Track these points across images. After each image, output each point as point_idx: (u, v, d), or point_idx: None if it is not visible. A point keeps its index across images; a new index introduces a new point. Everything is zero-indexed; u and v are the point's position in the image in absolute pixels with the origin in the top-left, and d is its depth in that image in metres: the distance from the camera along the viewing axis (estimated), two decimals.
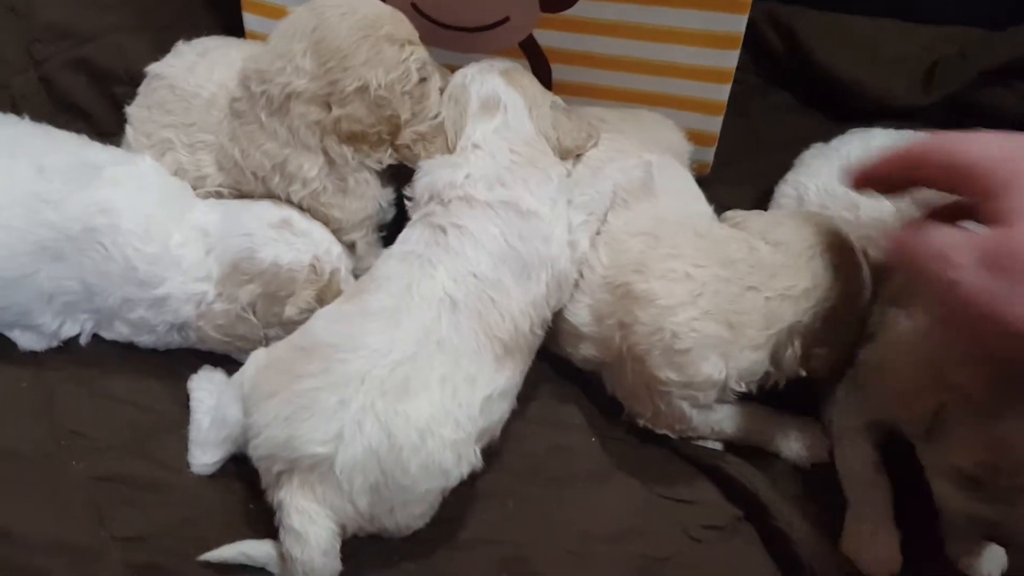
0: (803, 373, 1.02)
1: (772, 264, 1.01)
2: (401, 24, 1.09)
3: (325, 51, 1.04)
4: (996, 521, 0.87)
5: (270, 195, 1.11)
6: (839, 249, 1.03)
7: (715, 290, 0.99)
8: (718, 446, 1.07)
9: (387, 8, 1.09)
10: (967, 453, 0.86)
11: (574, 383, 1.12)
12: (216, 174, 1.13)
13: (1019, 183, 0.71)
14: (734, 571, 0.98)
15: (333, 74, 1.04)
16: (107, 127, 1.33)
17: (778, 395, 1.05)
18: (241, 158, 1.10)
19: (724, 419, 1.05)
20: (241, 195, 1.13)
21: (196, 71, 1.16)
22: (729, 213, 1.13)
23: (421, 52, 1.10)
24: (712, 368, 0.98)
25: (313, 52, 1.05)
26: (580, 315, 1.06)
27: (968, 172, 0.74)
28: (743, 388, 1.01)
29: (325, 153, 1.08)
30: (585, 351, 1.07)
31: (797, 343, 1.00)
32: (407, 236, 1.05)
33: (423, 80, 1.10)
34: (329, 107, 1.06)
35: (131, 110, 1.20)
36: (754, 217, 1.10)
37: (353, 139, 1.07)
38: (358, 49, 1.04)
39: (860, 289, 1.04)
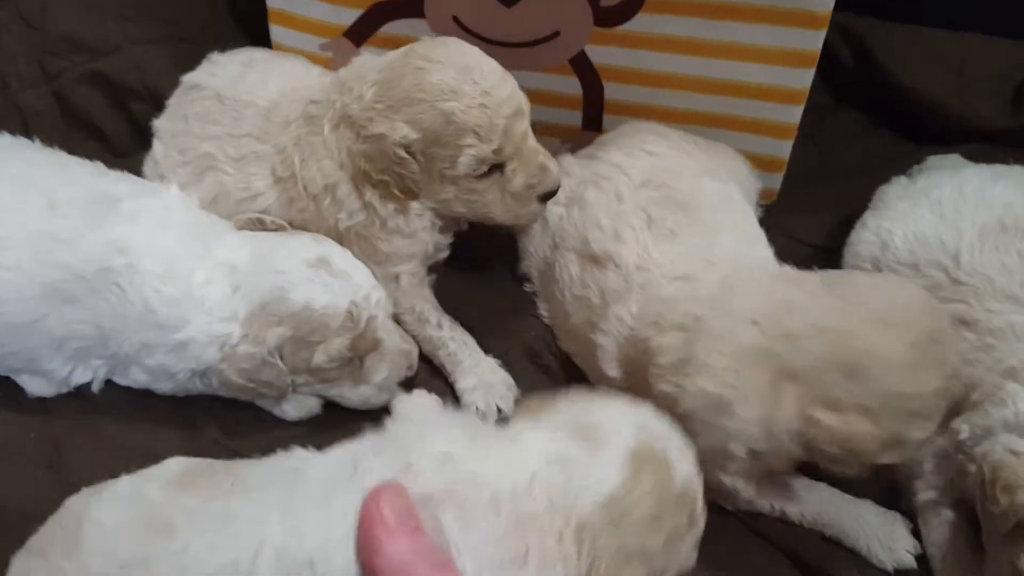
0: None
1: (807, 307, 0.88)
2: (480, 113, 0.96)
3: (384, 91, 0.98)
4: None
5: (319, 217, 1.04)
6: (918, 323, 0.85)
7: (724, 339, 0.88)
8: None
9: (474, 90, 0.96)
10: None
11: None
12: (267, 191, 1.06)
13: None
14: None
15: (372, 113, 0.98)
16: (123, 147, 1.27)
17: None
18: (300, 166, 1.03)
19: (787, 498, 0.94)
20: (289, 219, 1.05)
21: (247, 81, 1.10)
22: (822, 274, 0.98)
23: (484, 150, 0.97)
24: (715, 436, 0.87)
25: (378, 86, 0.99)
26: (612, 372, 0.99)
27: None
28: (742, 454, 0.89)
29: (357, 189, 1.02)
30: None
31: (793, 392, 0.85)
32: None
33: (481, 177, 1.00)
34: (358, 138, 1.00)
35: (161, 123, 1.13)
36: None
37: (366, 179, 1.01)
38: (407, 105, 0.97)
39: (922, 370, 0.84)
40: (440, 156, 0.98)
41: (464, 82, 0.96)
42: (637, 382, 0.95)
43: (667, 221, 1.00)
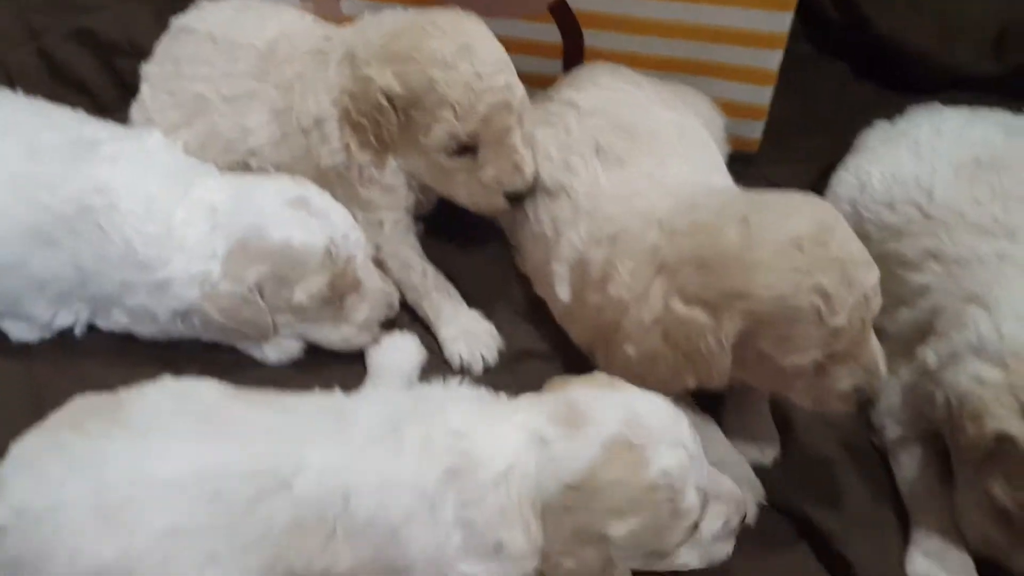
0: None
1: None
2: (463, 91, 0.97)
3: (388, 41, 1.01)
4: (1009, 555, 0.84)
5: (308, 156, 1.06)
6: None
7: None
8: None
9: (466, 69, 0.97)
10: (1013, 490, 0.80)
11: None
12: (259, 129, 1.08)
13: None
14: None
15: (370, 57, 1.00)
16: (109, 103, 1.26)
17: None
18: (298, 99, 1.05)
19: None
20: (279, 159, 1.08)
21: (242, 23, 1.12)
22: None
23: (457, 128, 0.98)
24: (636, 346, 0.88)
25: (386, 36, 1.01)
26: (564, 296, 1.00)
27: None
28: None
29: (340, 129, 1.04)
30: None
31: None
32: None
33: (452, 155, 1.01)
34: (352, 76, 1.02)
35: (149, 68, 1.15)
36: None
37: (347, 117, 1.02)
38: (401, 61, 0.99)
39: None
40: (417, 120, 1.00)
41: (460, 58, 0.97)
42: (584, 305, 0.96)
43: (615, 148, 1.00)
